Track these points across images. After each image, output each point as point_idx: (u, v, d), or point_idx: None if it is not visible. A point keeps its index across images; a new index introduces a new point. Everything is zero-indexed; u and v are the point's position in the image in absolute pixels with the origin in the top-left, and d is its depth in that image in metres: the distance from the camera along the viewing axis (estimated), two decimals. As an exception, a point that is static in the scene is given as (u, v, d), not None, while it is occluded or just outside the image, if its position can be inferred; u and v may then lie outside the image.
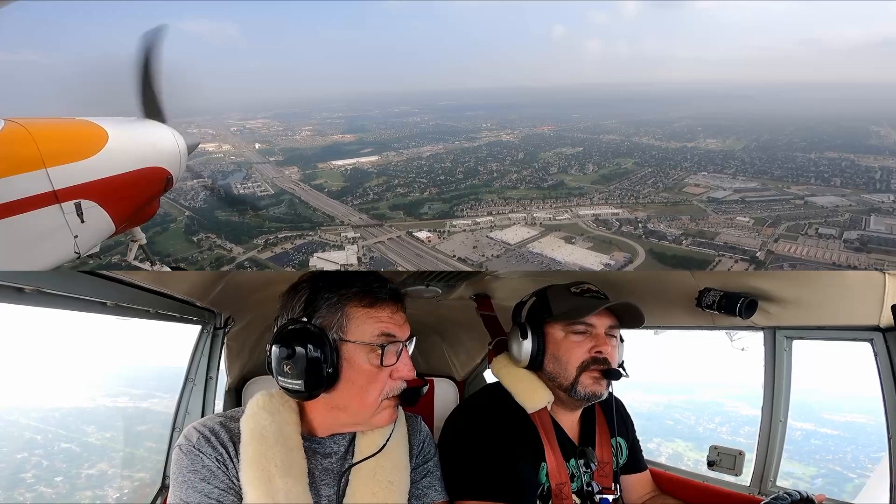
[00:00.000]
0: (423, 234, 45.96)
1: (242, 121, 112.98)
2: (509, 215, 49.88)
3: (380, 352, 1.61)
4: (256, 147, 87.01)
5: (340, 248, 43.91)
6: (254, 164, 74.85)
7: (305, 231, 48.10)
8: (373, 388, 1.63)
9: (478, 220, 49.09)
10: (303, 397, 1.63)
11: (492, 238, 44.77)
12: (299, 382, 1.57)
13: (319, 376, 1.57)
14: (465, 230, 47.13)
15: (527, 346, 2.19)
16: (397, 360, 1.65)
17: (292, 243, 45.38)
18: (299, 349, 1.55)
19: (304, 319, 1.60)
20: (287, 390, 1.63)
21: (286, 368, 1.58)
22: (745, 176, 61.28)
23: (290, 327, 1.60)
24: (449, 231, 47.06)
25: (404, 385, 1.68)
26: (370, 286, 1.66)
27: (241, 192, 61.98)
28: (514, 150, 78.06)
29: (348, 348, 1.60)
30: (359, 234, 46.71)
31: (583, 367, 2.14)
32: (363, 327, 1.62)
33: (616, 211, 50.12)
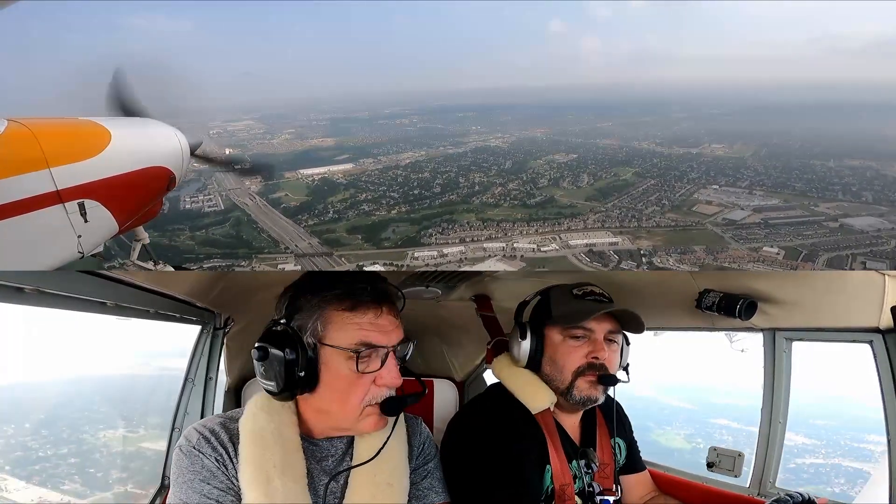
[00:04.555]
0: (374, 270, 37.93)
1: (226, 122, 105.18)
2: (485, 245, 42.68)
3: (356, 358, 1.57)
4: (227, 153, 79.17)
5: (272, 286, 36.22)
6: (214, 174, 67.27)
7: (238, 260, 40.59)
8: (353, 394, 1.61)
9: (445, 251, 41.92)
10: (279, 398, 1.64)
11: (459, 276, 36.93)
12: (272, 384, 1.59)
13: (291, 379, 1.57)
14: (427, 264, 39.74)
15: (525, 346, 2.22)
16: (382, 366, 1.61)
17: (217, 279, 37.65)
18: (273, 351, 1.56)
19: (283, 321, 1.61)
20: (266, 390, 1.64)
21: (262, 369, 1.60)
22: (763, 190, 54.14)
23: (271, 328, 1.62)
24: (408, 265, 39.87)
25: (390, 393, 1.65)
26: (353, 288, 1.61)
27: (189, 206, 55.60)
28: (501, 157, 71.07)
29: (326, 352, 1.58)
30: (299, 267, 39.08)
31: (579, 373, 2.15)
32: (342, 332, 1.58)
33: (614, 240, 42.40)
